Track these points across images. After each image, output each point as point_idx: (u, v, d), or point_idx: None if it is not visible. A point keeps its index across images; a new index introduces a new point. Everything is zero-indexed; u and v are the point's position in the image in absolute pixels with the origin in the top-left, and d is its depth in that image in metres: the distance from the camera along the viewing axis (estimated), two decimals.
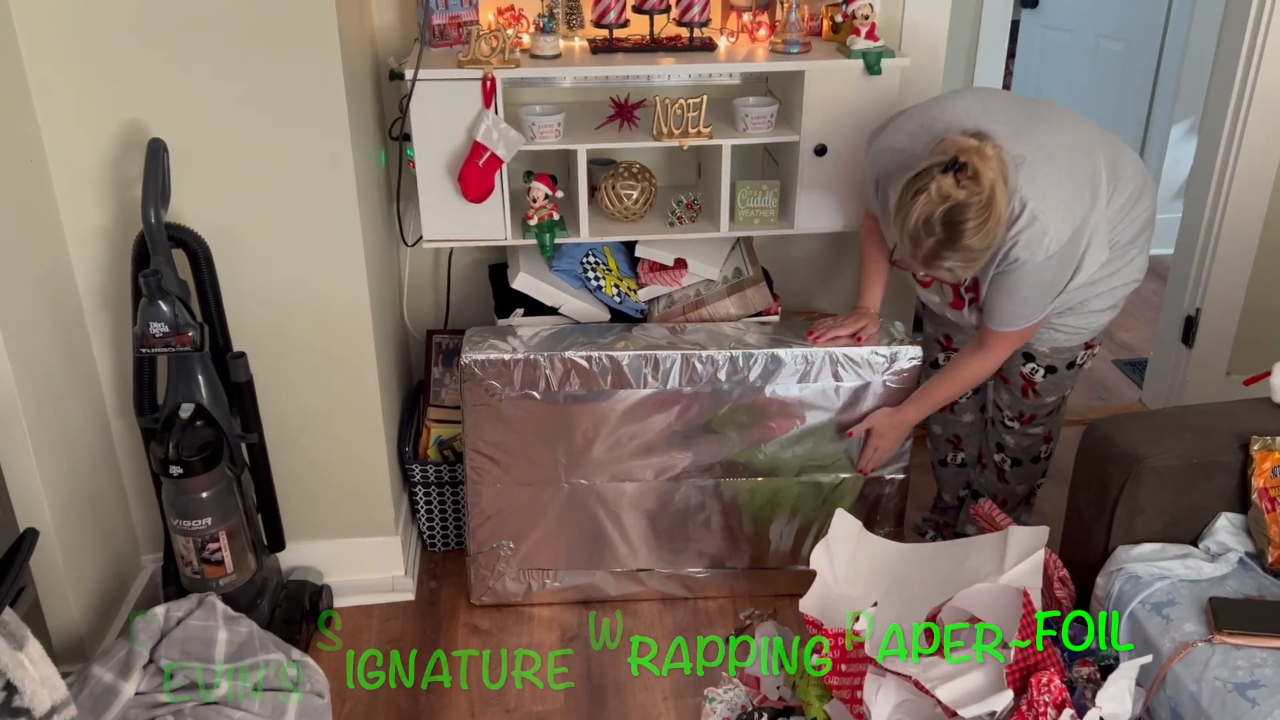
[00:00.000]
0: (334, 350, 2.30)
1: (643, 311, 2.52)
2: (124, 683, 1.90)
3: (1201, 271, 3.08)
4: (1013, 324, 2.09)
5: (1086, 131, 2.08)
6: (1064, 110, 2.11)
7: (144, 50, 2.00)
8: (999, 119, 1.99)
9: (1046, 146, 1.98)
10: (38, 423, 1.99)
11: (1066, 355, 2.26)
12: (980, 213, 1.85)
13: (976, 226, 1.86)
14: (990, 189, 1.84)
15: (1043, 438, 2.44)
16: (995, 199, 1.85)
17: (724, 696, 2.20)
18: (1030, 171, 1.94)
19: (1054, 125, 2.04)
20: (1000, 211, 1.87)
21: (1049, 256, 1.97)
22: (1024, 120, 2.02)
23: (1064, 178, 1.97)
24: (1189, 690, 1.75)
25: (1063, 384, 2.33)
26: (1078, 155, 2.01)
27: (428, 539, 2.71)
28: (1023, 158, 1.93)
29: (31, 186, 2.03)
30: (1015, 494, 2.53)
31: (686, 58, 2.38)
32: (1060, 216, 1.96)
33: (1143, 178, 2.14)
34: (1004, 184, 1.87)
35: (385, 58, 2.51)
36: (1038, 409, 2.37)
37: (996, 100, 2.09)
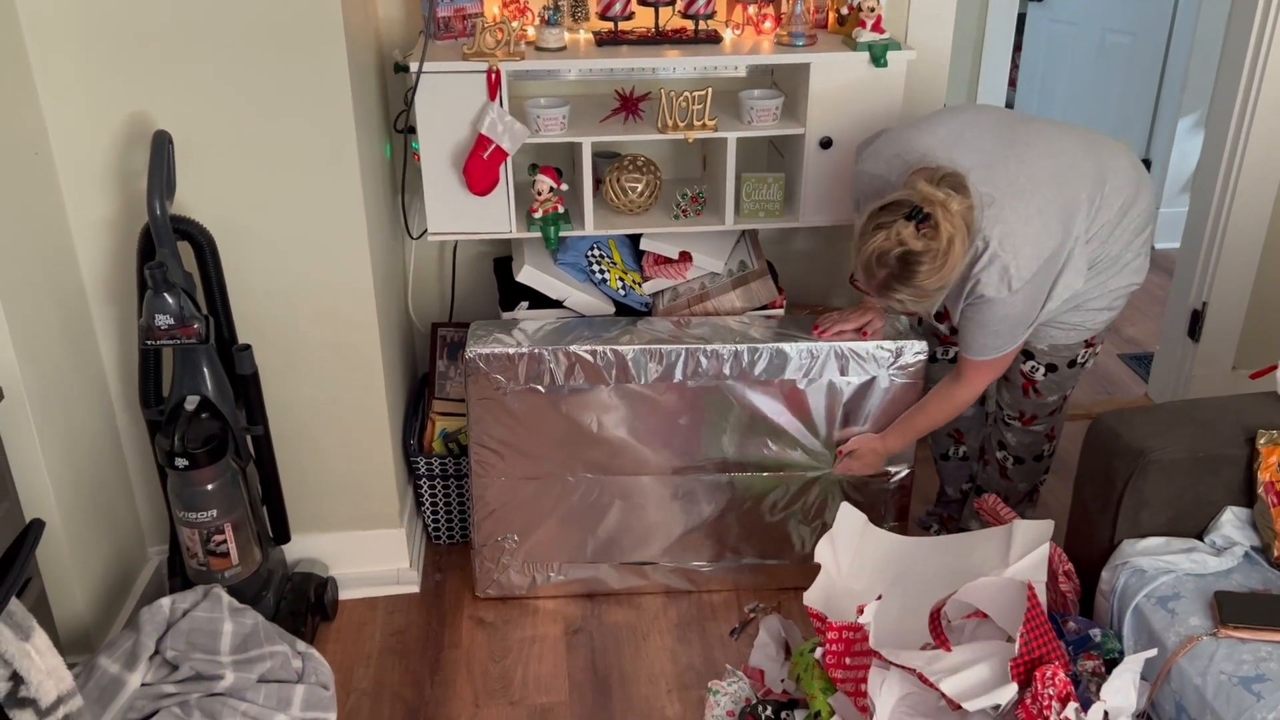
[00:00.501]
0: (339, 343, 2.30)
1: (647, 305, 2.52)
2: (130, 674, 1.91)
3: (1208, 265, 3.07)
4: (985, 354, 2.11)
5: (1070, 155, 2.04)
6: (1052, 133, 2.08)
7: (149, 42, 2.00)
8: (974, 150, 1.99)
9: (1019, 181, 1.97)
10: (43, 415, 1.99)
11: (1066, 353, 2.26)
12: (935, 259, 1.87)
13: (930, 271, 1.89)
14: (948, 241, 1.86)
15: (1045, 435, 2.43)
16: (952, 249, 1.87)
17: (728, 689, 2.20)
18: (998, 209, 1.94)
19: (1033, 154, 2.01)
20: (956, 259, 1.89)
21: (1014, 292, 1.98)
22: (1001, 152, 2.00)
23: (1033, 214, 1.96)
24: (1194, 684, 1.75)
25: (1064, 383, 2.32)
26: (1052, 189, 1.99)
27: (432, 532, 2.72)
28: (992, 197, 1.94)
29: (37, 179, 2.03)
30: (1018, 491, 2.53)
31: (692, 50, 2.38)
32: (1026, 254, 1.96)
33: (1134, 185, 2.11)
34: (965, 235, 1.88)
35: (390, 50, 2.51)
36: (1039, 408, 2.36)
37: (977, 128, 2.05)
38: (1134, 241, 2.15)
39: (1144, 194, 2.14)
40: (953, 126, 2.05)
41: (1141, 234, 2.16)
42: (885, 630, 1.93)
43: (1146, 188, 2.15)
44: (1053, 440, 2.46)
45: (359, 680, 2.31)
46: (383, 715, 2.22)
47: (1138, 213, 2.13)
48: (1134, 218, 2.12)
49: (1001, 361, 2.15)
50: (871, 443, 2.38)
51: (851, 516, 2.19)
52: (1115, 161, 2.10)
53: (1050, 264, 2.00)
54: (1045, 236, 1.98)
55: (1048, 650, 1.79)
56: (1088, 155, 2.07)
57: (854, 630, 1.90)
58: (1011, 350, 2.12)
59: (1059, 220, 1.99)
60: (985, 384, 2.23)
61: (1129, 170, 2.12)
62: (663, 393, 2.33)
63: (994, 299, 2.00)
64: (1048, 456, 2.49)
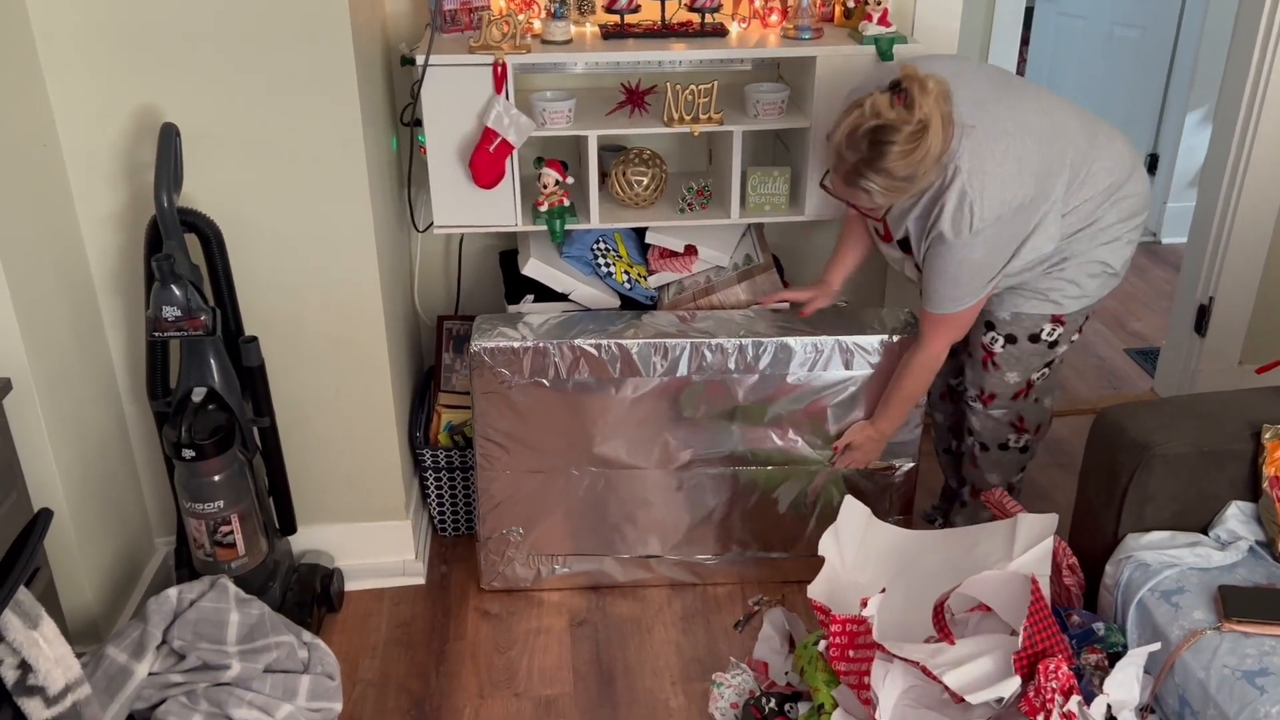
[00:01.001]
0: (345, 335, 2.31)
1: (653, 298, 2.52)
2: (138, 663, 1.92)
3: (1215, 260, 3.06)
4: (943, 306, 2.09)
5: (1062, 118, 2.04)
6: (1049, 96, 2.07)
7: (156, 35, 2.00)
8: (967, 87, 1.98)
9: (1005, 124, 1.96)
10: (51, 405, 2.00)
11: (1027, 324, 2.20)
12: (908, 139, 1.86)
13: (902, 153, 1.86)
14: (924, 119, 1.84)
15: (1009, 424, 2.36)
16: (927, 130, 1.85)
17: (731, 681, 2.21)
18: (976, 143, 1.93)
19: (1026, 107, 2.00)
20: (931, 145, 1.87)
21: (974, 232, 1.96)
22: (994, 96, 1.99)
23: (1009, 158, 1.95)
24: (1197, 678, 1.75)
25: (1025, 360, 2.25)
26: (1035, 142, 1.97)
27: (438, 524, 2.73)
28: (974, 127, 1.93)
29: (45, 171, 2.04)
30: (988, 484, 2.44)
31: (698, 43, 2.38)
32: (991, 194, 1.94)
33: (1128, 170, 2.09)
34: (940, 119, 1.87)
35: (397, 43, 2.51)
36: (999, 387, 2.30)
37: (974, 72, 2.05)
38: (1117, 225, 2.11)
39: (1137, 181, 2.12)
40: (950, 68, 2.01)
41: (1128, 221, 2.13)
42: (889, 623, 1.94)
43: (1140, 177, 2.13)
44: (1021, 433, 2.38)
45: (365, 671, 2.32)
46: (388, 706, 2.23)
47: (1127, 197, 2.10)
48: (1122, 201, 2.10)
49: (959, 319, 2.12)
50: (865, 431, 2.37)
51: (856, 510, 2.19)
52: (1111, 143, 2.09)
53: (1019, 216, 1.98)
54: (1017, 185, 1.95)
55: (1051, 643, 1.79)
56: (1081, 127, 2.06)
57: (858, 623, 1.91)
58: (970, 306, 2.08)
59: (1035, 175, 1.97)
60: (945, 343, 2.19)
61: (1124, 153, 2.11)
62: (668, 387, 2.34)
63: (953, 240, 1.98)
64: (1016, 449, 2.41)
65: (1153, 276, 4.16)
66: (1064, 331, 2.23)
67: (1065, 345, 2.26)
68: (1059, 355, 2.28)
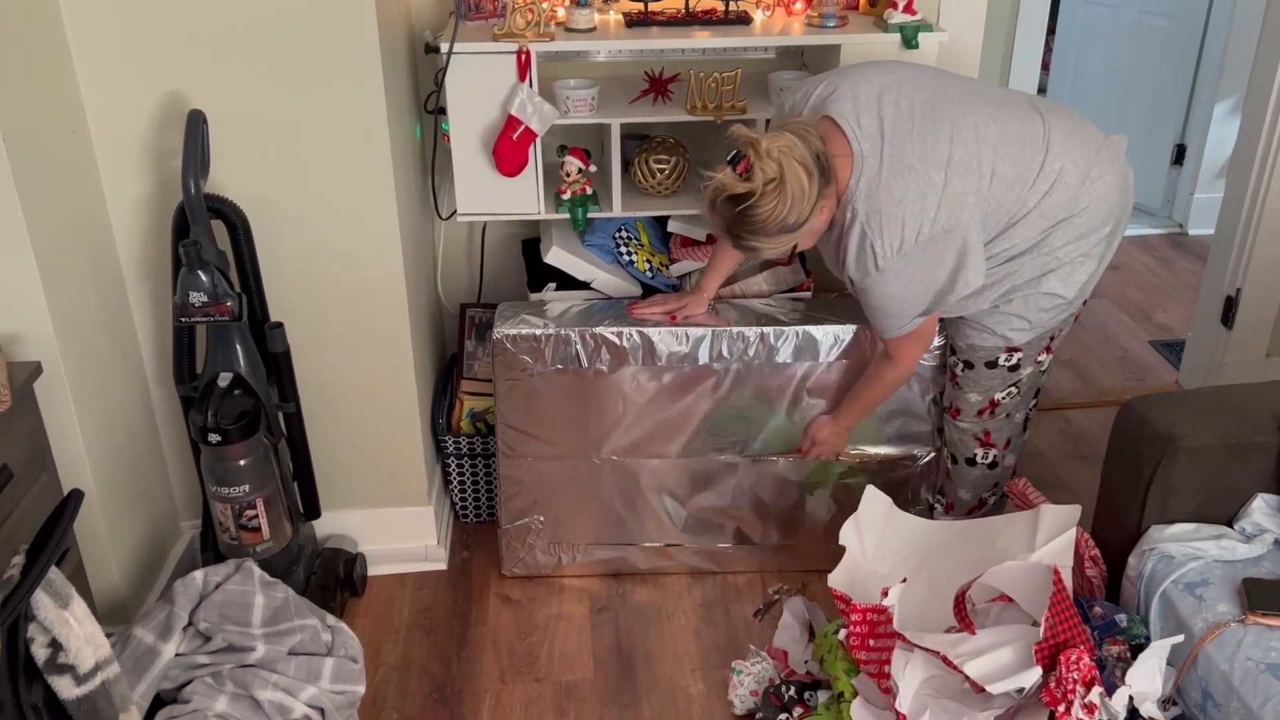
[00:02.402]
0: (369, 321, 2.33)
1: (675, 287, 2.53)
2: (164, 644, 1.94)
3: (1243, 251, 3.03)
4: (888, 332, 2.08)
5: (987, 150, 1.92)
6: (979, 120, 1.93)
7: (184, 24, 2.02)
8: (877, 116, 1.92)
9: (909, 158, 1.90)
10: (80, 389, 2.03)
11: (981, 354, 2.18)
12: (763, 200, 1.84)
13: (765, 214, 1.85)
14: (773, 177, 1.83)
15: (975, 438, 2.31)
16: (783, 183, 1.83)
17: (751, 669, 2.21)
18: (873, 181, 1.91)
19: (941, 136, 1.91)
20: (793, 193, 1.84)
21: (881, 271, 1.95)
22: (906, 126, 1.91)
23: (909, 195, 1.90)
24: (1221, 670, 1.74)
25: (983, 384, 2.22)
26: (943, 175, 1.90)
27: (460, 510, 2.74)
28: (871, 164, 1.90)
29: (75, 157, 2.06)
30: (961, 500, 2.42)
31: (721, 31, 2.37)
32: (891, 233, 1.92)
33: (1072, 190, 1.98)
34: (798, 167, 1.84)
35: (421, 31, 2.52)
36: (962, 403, 2.28)
37: (897, 93, 1.95)
38: (1066, 248, 2.03)
39: (1089, 194, 1.99)
40: (880, 84, 1.96)
41: (1081, 241, 2.03)
42: (909, 613, 1.94)
43: (1095, 188, 2.00)
44: (988, 447, 2.32)
45: (387, 655, 2.34)
46: (410, 689, 2.25)
47: (1077, 214, 2.00)
48: (1070, 222, 2.01)
49: (915, 336, 2.10)
50: (829, 426, 2.36)
51: (877, 499, 2.19)
52: (1059, 160, 1.96)
53: (929, 249, 1.93)
54: (919, 220, 1.91)
55: (1073, 635, 1.79)
56: (1017, 152, 1.94)
57: (878, 612, 1.91)
58: (918, 325, 2.06)
59: (942, 208, 1.91)
60: (911, 357, 2.17)
61: (1073, 169, 1.98)
62: (689, 375, 2.34)
63: (862, 282, 1.98)
64: (984, 465, 2.34)
65: (1179, 268, 4.12)
66: (1024, 356, 2.18)
67: (1030, 367, 2.21)
68: (1024, 376, 2.22)
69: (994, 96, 2.03)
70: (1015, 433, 2.33)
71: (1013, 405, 2.28)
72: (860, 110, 1.94)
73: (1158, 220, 4.53)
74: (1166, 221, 4.52)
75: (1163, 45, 4.38)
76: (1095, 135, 2.06)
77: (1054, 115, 2.03)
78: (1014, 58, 4.36)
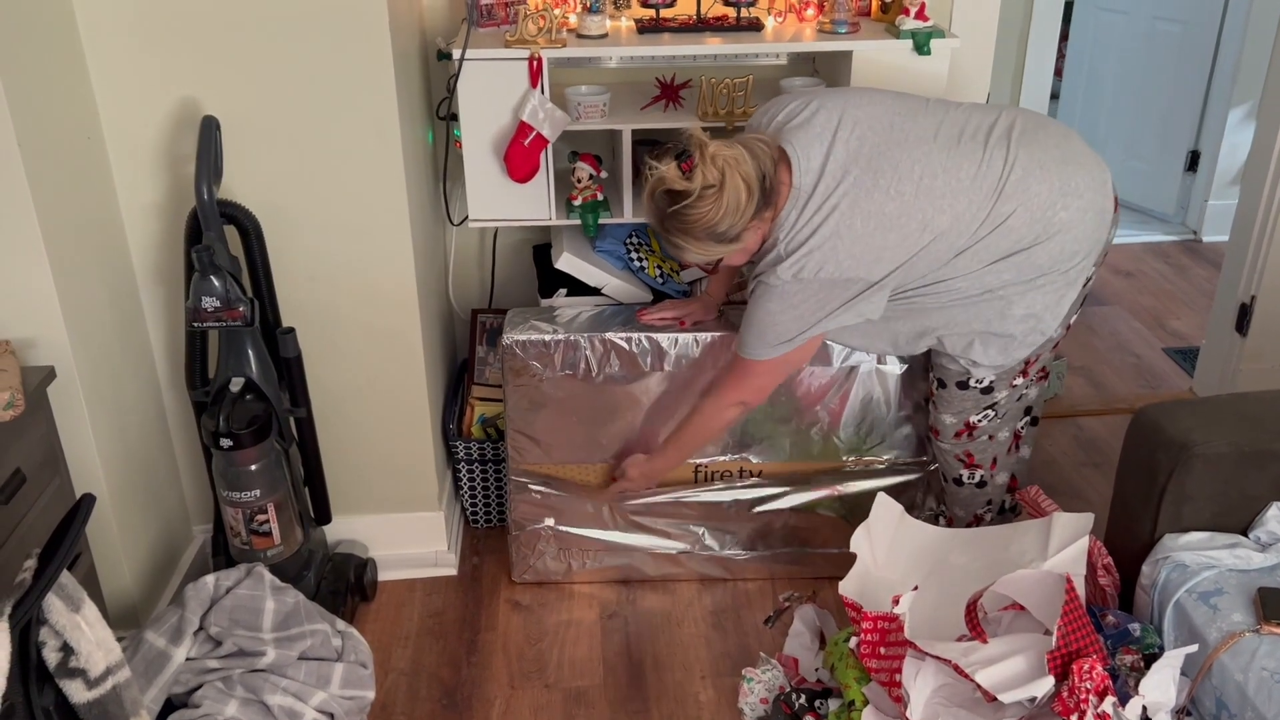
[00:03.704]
0: (381, 327, 2.33)
1: (685, 292, 2.52)
2: (176, 648, 1.95)
3: (1257, 258, 3.01)
4: (744, 350, 2.08)
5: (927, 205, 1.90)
6: (932, 167, 1.91)
7: (198, 29, 2.03)
8: (835, 153, 1.92)
9: (838, 200, 1.90)
10: (93, 394, 2.04)
11: (953, 373, 2.16)
12: (699, 203, 1.85)
13: (697, 217, 1.87)
14: (713, 182, 1.83)
15: (957, 459, 2.29)
16: (722, 190, 1.84)
17: (762, 676, 2.21)
18: (809, 212, 1.91)
19: (881, 185, 1.89)
20: (727, 203, 1.85)
21: (770, 286, 1.96)
22: (855, 165, 1.91)
23: (823, 232, 1.90)
24: (1235, 680, 1.73)
25: (956, 406, 2.20)
26: (865, 225, 1.90)
27: (470, 515, 2.75)
28: (804, 196, 1.91)
29: (89, 163, 2.07)
30: (957, 517, 2.41)
31: (733, 38, 2.37)
32: (797, 259, 1.92)
33: (1030, 235, 1.95)
34: (739, 180, 1.85)
35: (433, 38, 2.53)
36: (938, 425, 2.27)
37: (854, 128, 1.93)
38: (1006, 289, 2.01)
39: (1051, 245, 1.96)
40: (839, 117, 1.94)
41: (1025, 283, 2.00)
42: (921, 621, 1.93)
43: (1060, 238, 1.95)
44: (973, 468, 2.29)
45: (397, 660, 2.34)
46: (420, 695, 2.25)
47: (1035, 259, 1.97)
48: (1013, 266, 1.98)
49: (753, 369, 2.08)
50: (642, 466, 2.35)
51: (888, 507, 2.19)
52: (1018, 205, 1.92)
53: (827, 288, 1.95)
54: (832, 260, 1.92)
55: (1085, 644, 1.78)
56: (962, 204, 1.92)
57: (889, 620, 1.90)
58: (770, 358, 2.04)
59: (855, 258, 1.92)
60: (737, 397, 2.16)
61: (1033, 213, 1.93)
62: (699, 380, 2.34)
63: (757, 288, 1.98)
64: (972, 485, 2.32)
65: (1193, 275, 4.10)
66: (996, 380, 2.16)
67: (1005, 391, 2.17)
68: (1000, 400, 2.18)
69: (959, 132, 1.96)
70: (1001, 452, 2.29)
71: (993, 428, 2.24)
72: (811, 143, 1.93)
73: (1171, 227, 4.50)
74: (1180, 228, 4.50)
75: (1177, 51, 4.36)
76: (1072, 169, 1.96)
77: (1026, 148, 1.94)
78: (1027, 64, 4.36)
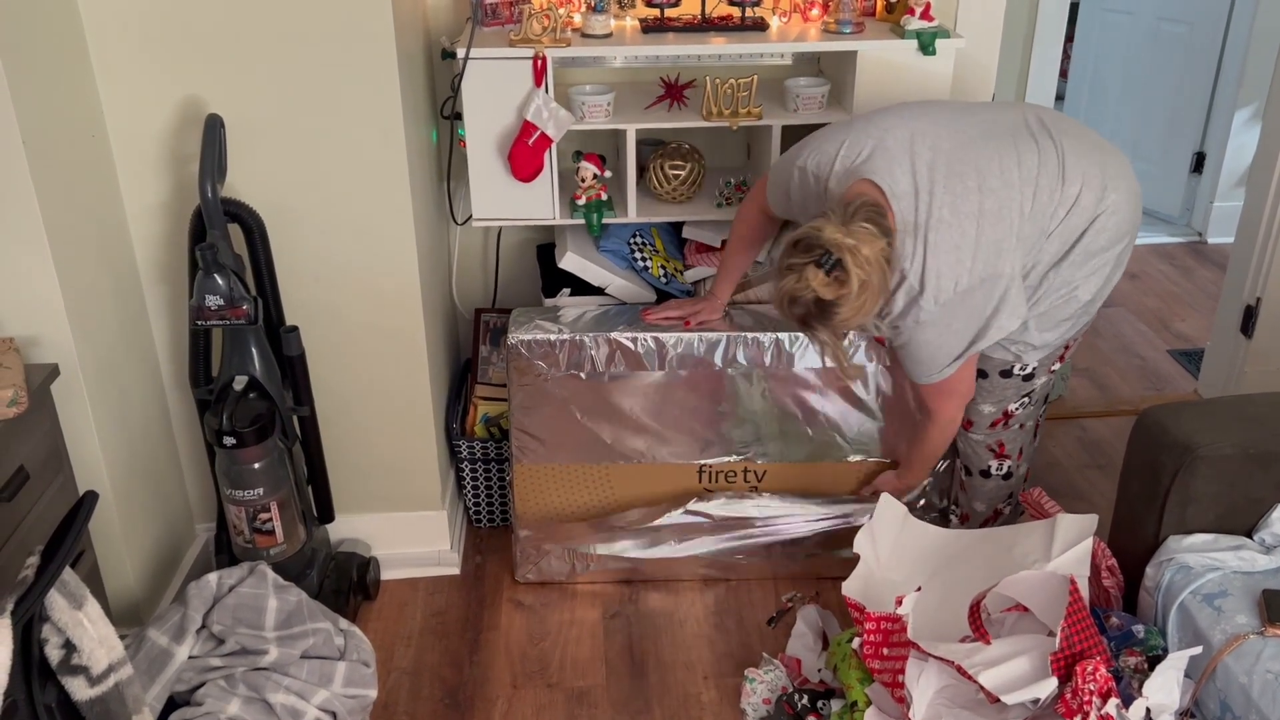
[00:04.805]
0: (384, 326, 2.33)
1: (689, 292, 2.52)
2: (178, 646, 1.95)
3: (1263, 260, 3.00)
4: (922, 379, 2.08)
5: (1014, 193, 1.93)
6: (1004, 163, 1.94)
7: (202, 27, 2.03)
8: (910, 172, 1.91)
9: (942, 211, 1.90)
10: (97, 392, 2.04)
11: (995, 364, 2.17)
12: (848, 302, 1.84)
13: (845, 315, 1.87)
14: (860, 285, 1.82)
15: (989, 449, 2.31)
16: (867, 290, 1.84)
17: (764, 677, 2.20)
18: (920, 233, 1.90)
19: (969, 186, 1.91)
20: (873, 298, 1.86)
21: (919, 323, 1.96)
22: (941, 175, 1.91)
23: (948, 248, 1.90)
24: (1239, 682, 1.72)
25: (998, 394, 2.21)
26: (975, 225, 1.91)
27: (473, 515, 2.74)
28: (916, 225, 1.90)
29: (93, 161, 2.07)
30: (976, 512, 2.42)
31: (738, 37, 2.37)
32: (930, 286, 1.92)
33: (1087, 217, 1.99)
34: (882, 273, 1.85)
35: (438, 37, 2.53)
36: (975, 415, 2.27)
37: (927, 141, 1.94)
38: (1074, 269, 2.04)
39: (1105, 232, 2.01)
40: (906, 137, 1.95)
41: (1091, 260, 2.04)
42: (924, 622, 1.93)
43: (1108, 220, 2.01)
44: (1002, 458, 2.32)
45: (399, 659, 2.34)
46: (422, 694, 2.25)
47: (1088, 242, 2.02)
48: (1083, 247, 2.02)
49: (950, 389, 2.09)
50: (893, 483, 2.39)
51: (891, 507, 2.18)
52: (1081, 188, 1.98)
53: (968, 299, 1.94)
54: (957, 270, 1.91)
55: (1089, 645, 1.77)
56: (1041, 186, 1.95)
57: (892, 621, 1.90)
58: (953, 372, 2.05)
59: (977, 258, 1.92)
60: (948, 411, 2.15)
61: (1089, 196, 1.99)
62: (703, 380, 2.33)
63: (906, 331, 1.98)
64: (999, 476, 2.35)
65: (1198, 277, 4.09)
66: (1038, 366, 2.18)
67: (1045, 376, 2.21)
68: (1038, 386, 2.22)
69: (1008, 126, 2.00)
70: (1026, 441, 2.33)
71: (1025, 415, 2.27)
72: (893, 168, 1.92)
73: (1176, 228, 4.49)
74: (1185, 230, 4.49)
75: (1182, 52, 4.35)
76: (1102, 149, 2.04)
77: (1063, 135, 2.01)
78: (1032, 64, 4.35)
